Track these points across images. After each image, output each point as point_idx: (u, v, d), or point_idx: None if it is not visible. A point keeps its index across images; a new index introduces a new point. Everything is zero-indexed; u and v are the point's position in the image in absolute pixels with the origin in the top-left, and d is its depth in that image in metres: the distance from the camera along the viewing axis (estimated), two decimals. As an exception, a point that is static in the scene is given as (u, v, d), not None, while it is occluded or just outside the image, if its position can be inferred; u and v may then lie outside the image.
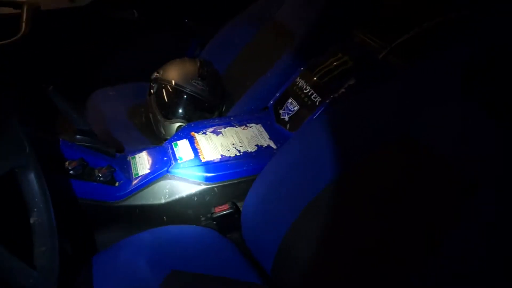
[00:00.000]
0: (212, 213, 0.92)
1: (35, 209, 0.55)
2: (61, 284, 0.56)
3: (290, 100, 1.05)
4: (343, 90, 0.95)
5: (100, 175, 0.86)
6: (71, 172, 0.82)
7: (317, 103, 0.98)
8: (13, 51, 0.88)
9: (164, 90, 1.23)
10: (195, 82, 1.21)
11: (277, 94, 1.12)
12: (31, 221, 0.55)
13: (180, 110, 1.23)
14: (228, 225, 0.94)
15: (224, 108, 1.31)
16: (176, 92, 1.22)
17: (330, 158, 0.73)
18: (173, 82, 1.22)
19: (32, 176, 0.55)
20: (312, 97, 1.00)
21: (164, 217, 0.92)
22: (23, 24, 0.93)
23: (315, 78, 1.03)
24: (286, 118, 1.04)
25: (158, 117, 1.22)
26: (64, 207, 0.64)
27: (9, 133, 0.52)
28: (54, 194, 0.59)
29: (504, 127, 0.57)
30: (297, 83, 1.07)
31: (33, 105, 0.78)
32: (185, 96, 1.22)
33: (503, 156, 0.56)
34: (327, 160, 0.73)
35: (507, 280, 0.48)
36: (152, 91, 1.25)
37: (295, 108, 1.03)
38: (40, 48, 1.01)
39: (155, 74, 1.26)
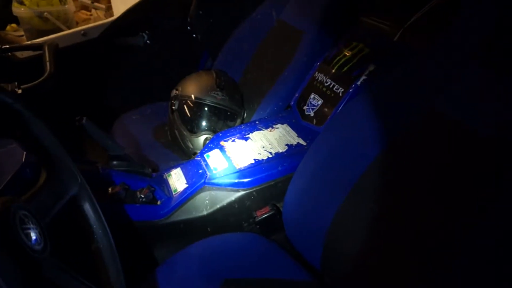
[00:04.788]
0: (254, 218, 0.93)
1: (95, 236, 0.58)
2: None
3: (312, 96, 1.06)
4: (364, 77, 0.95)
5: (142, 196, 0.88)
6: (115, 197, 0.84)
7: (340, 94, 0.98)
8: (42, 90, 0.91)
9: (185, 105, 1.25)
10: (214, 93, 1.23)
11: (298, 92, 1.13)
12: (93, 247, 0.57)
13: (204, 123, 1.25)
14: (271, 227, 0.95)
15: (245, 114, 1.33)
16: (198, 105, 1.24)
17: (364, 143, 0.74)
18: (192, 96, 1.24)
19: (87, 205, 0.58)
20: (334, 89, 1.01)
21: (208, 228, 0.94)
22: (48, 64, 0.97)
23: (333, 70, 1.03)
24: (312, 114, 1.05)
25: (184, 132, 1.24)
26: (116, 231, 0.66)
27: (64, 166, 0.54)
28: (105, 220, 0.61)
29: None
30: (317, 77, 1.07)
31: (67, 138, 0.81)
32: (206, 108, 1.24)
33: None
34: (361, 146, 0.74)
35: None
36: (173, 108, 1.27)
37: (319, 102, 1.04)
38: (62, 84, 1.05)
39: (175, 92, 1.28)
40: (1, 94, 0.44)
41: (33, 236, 0.41)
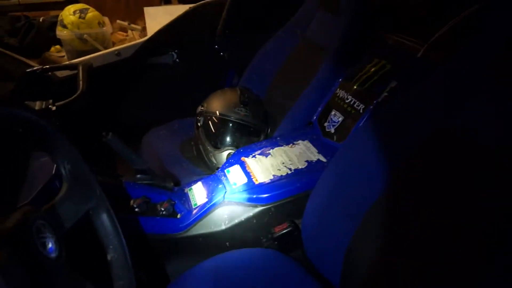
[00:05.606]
0: (273, 233, 0.93)
1: (111, 246, 0.60)
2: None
3: (333, 112, 1.06)
4: (385, 94, 0.94)
5: (163, 209, 0.91)
6: (136, 209, 0.87)
7: (361, 111, 0.98)
8: (74, 107, 0.98)
9: (210, 121, 1.28)
10: (238, 110, 1.26)
11: (320, 108, 1.13)
12: (108, 257, 0.60)
13: (228, 138, 1.27)
14: (289, 243, 0.95)
15: (269, 130, 1.34)
16: (222, 121, 1.27)
17: (383, 160, 0.73)
18: (217, 112, 1.27)
19: (104, 217, 0.61)
20: (354, 105, 1.00)
21: (227, 243, 0.95)
22: (81, 83, 1.04)
23: (355, 87, 1.03)
24: (332, 130, 1.04)
25: (208, 147, 1.27)
26: (134, 243, 0.68)
27: (83, 179, 0.57)
28: (124, 231, 0.64)
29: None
30: (338, 94, 1.07)
31: (94, 152, 0.86)
32: (230, 124, 1.26)
33: None
34: (378, 164, 0.72)
35: None
36: (199, 124, 1.31)
37: (340, 119, 1.03)
38: (95, 101, 1.12)
39: (200, 108, 1.32)
40: (22, 110, 0.47)
41: (49, 245, 0.44)
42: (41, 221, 0.44)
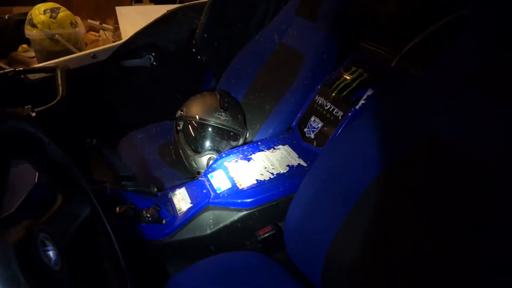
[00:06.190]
0: (257, 237, 0.96)
1: (106, 255, 0.61)
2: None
3: (313, 118, 1.10)
4: (363, 101, 0.99)
5: (148, 215, 0.91)
6: (123, 216, 0.87)
7: (339, 117, 1.02)
8: (55, 112, 0.96)
9: (190, 126, 1.29)
10: (218, 114, 1.27)
11: (299, 114, 1.17)
12: (105, 267, 0.60)
13: (208, 143, 1.28)
14: (273, 245, 0.98)
15: (248, 134, 1.36)
16: (202, 126, 1.28)
17: (363, 165, 0.76)
18: (197, 117, 1.28)
19: (99, 224, 0.61)
20: (333, 112, 1.04)
21: (212, 247, 0.96)
22: (60, 87, 1.02)
23: (333, 94, 1.07)
24: (312, 136, 1.08)
25: (188, 152, 1.28)
26: (123, 249, 0.69)
27: (79, 188, 0.58)
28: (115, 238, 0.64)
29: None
30: (317, 101, 1.11)
31: (76, 159, 0.86)
32: (210, 129, 1.28)
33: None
34: (360, 168, 0.76)
35: None
36: (178, 128, 1.31)
37: (319, 125, 1.08)
38: (72, 105, 1.09)
39: (180, 112, 1.32)
40: (21, 121, 0.47)
41: (53, 257, 0.44)
42: (44, 234, 0.45)
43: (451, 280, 0.57)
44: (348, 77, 1.07)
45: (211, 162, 1.26)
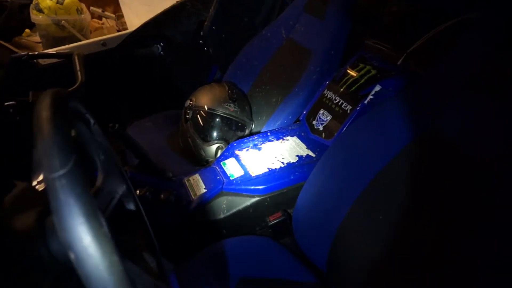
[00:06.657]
0: (267, 222, 1.01)
1: (139, 231, 0.64)
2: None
3: (321, 111, 1.15)
4: (371, 96, 1.04)
5: (166, 198, 0.95)
6: (142, 199, 0.91)
7: (348, 111, 1.07)
8: (73, 97, 0.98)
9: (199, 115, 1.32)
10: (227, 105, 1.31)
11: (308, 107, 1.21)
12: (137, 243, 0.64)
13: (216, 132, 1.32)
14: (282, 231, 1.03)
15: (254, 125, 1.40)
16: (211, 116, 1.31)
17: (369, 158, 0.81)
18: (206, 107, 1.31)
19: (132, 203, 0.65)
20: (342, 106, 1.09)
21: (224, 231, 1.01)
22: (79, 73, 1.04)
23: (342, 89, 1.12)
24: (321, 128, 1.13)
25: (197, 141, 1.31)
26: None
27: (114, 168, 0.61)
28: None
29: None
30: (326, 95, 1.16)
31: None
32: (218, 119, 1.31)
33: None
34: (366, 161, 0.81)
35: None
36: (187, 117, 1.34)
37: (328, 118, 1.12)
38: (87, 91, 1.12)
39: (189, 102, 1.35)
40: (76, 101, 0.50)
41: None
42: None
43: (451, 280, 0.60)
44: (356, 74, 1.12)
45: (219, 151, 1.30)
